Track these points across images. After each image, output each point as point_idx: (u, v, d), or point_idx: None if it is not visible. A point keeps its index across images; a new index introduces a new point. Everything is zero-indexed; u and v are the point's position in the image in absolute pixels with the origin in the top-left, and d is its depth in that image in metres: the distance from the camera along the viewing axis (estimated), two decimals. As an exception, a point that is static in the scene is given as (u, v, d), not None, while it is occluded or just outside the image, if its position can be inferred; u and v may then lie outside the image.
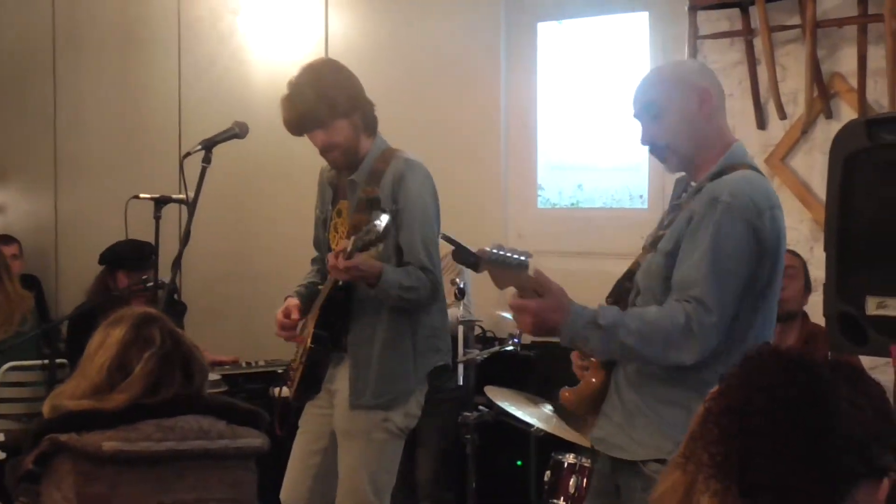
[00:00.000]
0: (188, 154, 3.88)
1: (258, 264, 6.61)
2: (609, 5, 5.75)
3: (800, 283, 4.27)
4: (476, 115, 6.06)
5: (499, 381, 4.81)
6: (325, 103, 3.77)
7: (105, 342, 2.67)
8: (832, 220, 2.89)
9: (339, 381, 3.91)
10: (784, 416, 1.43)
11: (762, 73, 4.92)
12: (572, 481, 4.37)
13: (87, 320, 4.13)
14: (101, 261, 5.72)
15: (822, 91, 4.78)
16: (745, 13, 4.96)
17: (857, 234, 2.84)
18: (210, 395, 2.96)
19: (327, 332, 3.85)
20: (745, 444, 1.44)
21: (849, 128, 2.93)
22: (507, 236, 6.01)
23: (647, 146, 2.99)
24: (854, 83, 4.69)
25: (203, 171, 3.86)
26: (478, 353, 4.72)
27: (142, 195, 4.30)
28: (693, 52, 5.10)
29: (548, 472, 4.46)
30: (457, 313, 4.89)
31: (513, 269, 2.70)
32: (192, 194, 3.90)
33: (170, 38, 6.97)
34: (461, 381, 4.78)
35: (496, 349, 4.94)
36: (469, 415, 4.63)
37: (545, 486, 4.46)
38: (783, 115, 4.88)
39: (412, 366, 3.87)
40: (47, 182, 7.59)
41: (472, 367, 4.69)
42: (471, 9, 6.05)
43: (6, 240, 6.86)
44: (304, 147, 3.99)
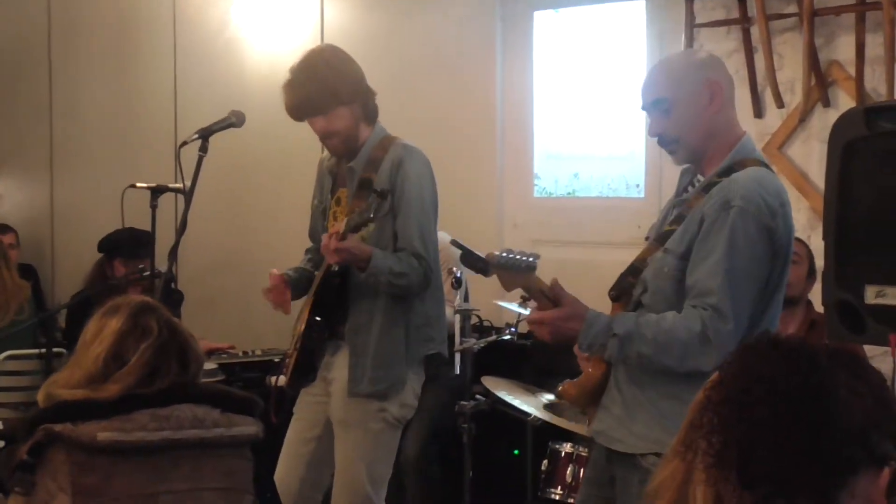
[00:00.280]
0: (185, 143, 3.87)
1: (255, 253, 6.60)
2: (605, -7, 5.75)
3: (803, 269, 4.26)
4: (472, 104, 6.05)
5: (495, 371, 4.81)
6: (327, 90, 3.76)
7: (102, 332, 2.66)
8: (831, 209, 2.88)
9: (337, 369, 3.90)
10: (783, 406, 1.43)
11: (759, 61, 4.92)
12: (569, 470, 4.38)
13: (84, 309, 4.13)
14: (100, 249, 5.72)
15: (820, 79, 4.77)
16: (741, 1, 4.95)
17: (855, 223, 2.83)
18: (204, 383, 2.95)
19: (322, 318, 3.85)
20: (745, 433, 1.43)
21: (847, 116, 2.92)
22: (503, 225, 6.01)
23: (656, 138, 2.97)
24: (852, 71, 4.68)
25: (200, 160, 3.85)
26: (475, 343, 4.72)
27: (138, 184, 4.29)
28: (689, 40, 5.10)
29: (545, 462, 4.47)
30: (454, 302, 4.89)
31: (521, 271, 2.73)
32: (188, 183, 3.89)
33: (165, 27, 6.95)
34: (458, 371, 4.78)
35: (493, 338, 4.95)
36: (466, 404, 4.63)
37: (542, 476, 4.46)
38: (780, 104, 4.88)
39: (404, 353, 3.85)
40: (43, 171, 7.57)
41: (468, 357, 4.69)
42: (467, -2, 6.05)
43: (2, 229, 6.84)
44: (300, 136, 3.99)
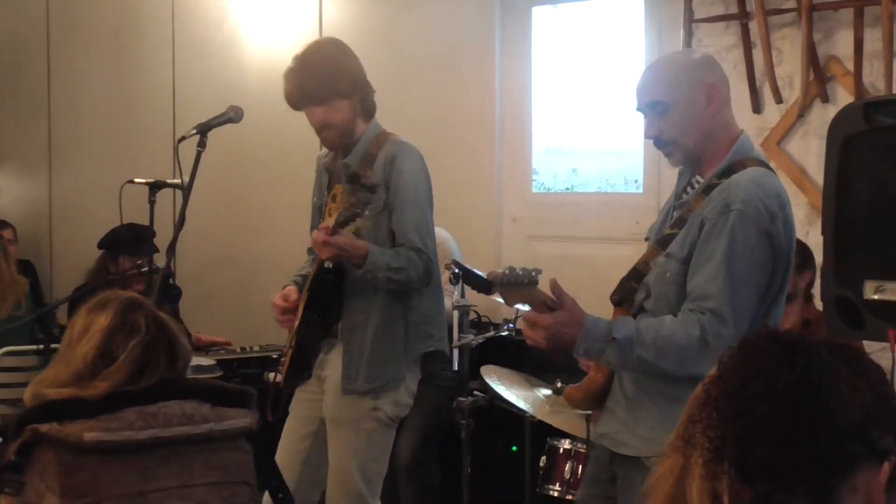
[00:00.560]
0: (183, 138, 3.87)
1: (253, 249, 6.60)
2: (604, -11, 5.75)
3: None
4: (471, 99, 6.05)
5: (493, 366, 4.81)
6: (327, 81, 3.76)
7: (89, 329, 2.63)
8: (829, 204, 2.88)
9: (330, 367, 3.89)
10: (783, 401, 1.42)
11: (758, 56, 4.92)
12: (567, 467, 4.38)
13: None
14: (101, 245, 5.73)
15: (819, 74, 4.77)
16: (740, -4, 4.95)
17: (854, 218, 2.82)
18: (194, 378, 2.93)
19: (317, 316, 3.84)
20: (744, 428, 1.43)
21: (846, 111, 2.92)
22: (501, 221, 6.01)
23: (652, 140, 2.96)
24: (850, 66, 4.68)
25: (198, 155, 3.85)
26: (472, 338, 4.72)
27: (136, 180, 4.29)
28: (688, 35, 5.10)
29: (543, 458, 4.47)
30: (452, 298, 4.89)
31: (524, 287, 2.69)
32: (186, 179, 3.89)
33: (164, 23, 6.95)
34: (456, 366, 4.78)
35: (491, 334, 4.94)
36: (464, 400, 4.63)
37: (540, 472, 4.47)
38: (779, 99, 4.87)
39: (403, 351, 3.85)
40: (41, 167, 7.56)
41: (466, 352, 4.69)
42: (465, -7, 6.04)
43: (0, 225, 6.84)
44: (299, 131, 3.98)
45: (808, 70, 4.72)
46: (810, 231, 4.60)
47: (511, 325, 4.93)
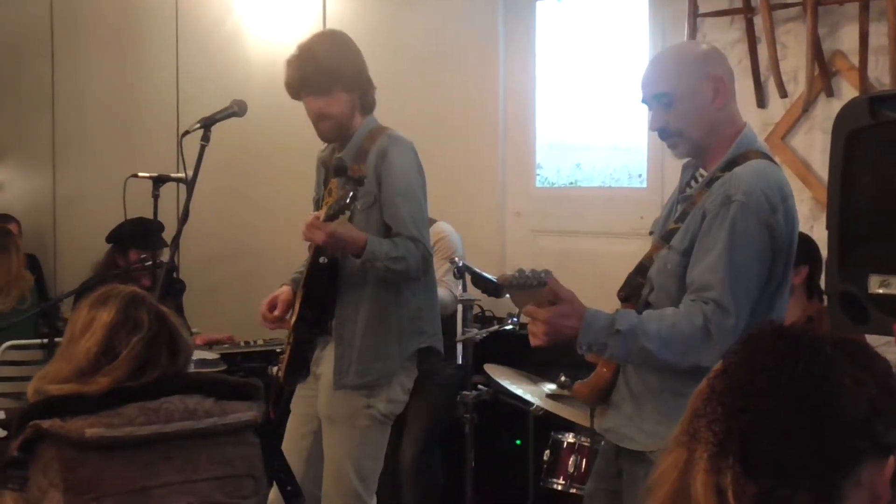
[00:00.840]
0: (187, 132, 3.87)
1: (257, 243, 6.60)
2: (608, -17, 5.74)
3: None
4: (474, 94, 6.05)
5: (497, 361, 4.81)
6: (330, 71, 3.76)
7: (92, 324, 2.63)
8: (834, 199, 2.87)
9: (324, 364, 3.88)
10: (786, 396, 1.42)
11: (762, 51, 4.91)
12: (571, 460, 4.38)
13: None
14: (110, 239, 5.74)
15: (823, 69, 4.76)
16: (745, -9, 4.94)
17: (859, 213, 2.82)
18: (196, 372, 2.93)
19: (312, 313, 3.83)
20: (748, 423, 1.43)
21: (852, 105, 2.91)
22: (504, 215, 6.01)
23: (657, 132, 2.95)
24: (855, 61, 4.67)
25: (202, 149, 3.85)
26: (476, 333, 4.72)
27: (140, 174, 4.29)
28: (693, 30, 5.09)
29: (547, 452, 4.47)
30: (456, 292, 4.89)
31: (534, 289, 2.68)
32: (190, 173, 3.89)
33: (167, 17, 6.95)
34: (460, 361, 4.78)
35: (495, 328, 4.94)
36: (468, 394, 4.63)
37: (544, 466, 4.46)
38: (784, 94, 4.86)
39: (396, 346, 3.84)
40: (45, 161, 7.57)
41: (470, 347, 4.69)
42: (469, -12, 6.04)
43: (5, 219, 6.85)
44: (303, 126, 3.98)
45: (812, 65, 4.71)
46: (814, 226, 4.59)
47: (515, 320, 4.93)
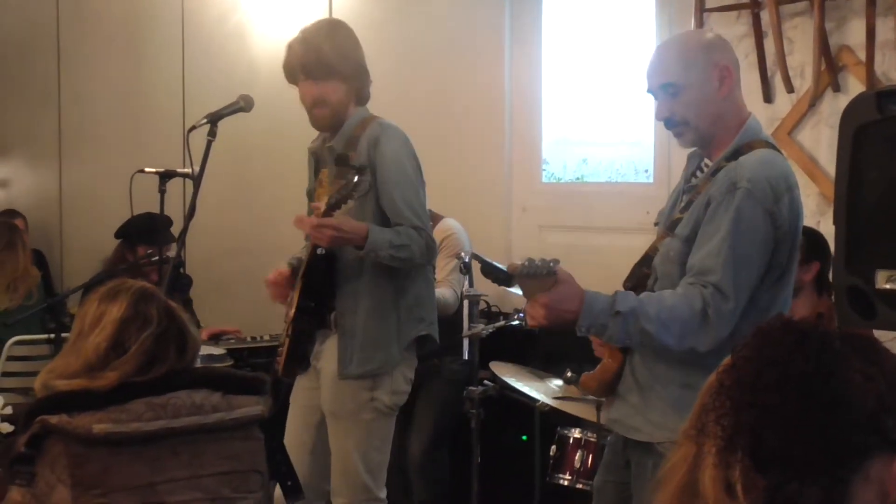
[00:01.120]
0: (194, 128, 3.87)
1: (263, 238, 6.60)
2: (615, -22, 5.73)
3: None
4: (480, 89, 6.04)
5: (504, 356, 4.81)
6: (332, 59, 3.77)
7: (102, 319, 2.64)
8: (841, 194, 2.87)
9: (326, 359, 3.88)
10: (795, 390, 1.42)
11: (769, 46, 4.89)
12: (578, 456, 4.38)
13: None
14: (119, 235, 5.75)
15: (830, 64, 4.75)
16: (752, -15, 4.93)
17: (866, 208, 2.82)
18: (204, 366, 2.93)
19: (312, 303, 3.83)
20: (756, 417, 1.42)
21: (859, 100, 2.91)
22: (511, 210, 6.00)
23: (663, 121, 2.95)
24: (862, 56, 4.65)
25: (208, 144, 3.85)
26: (483, 328, 4.72)
27: (147, 169, 4.30)
28: (699, 24, 5.07)
29: (553, 447, 4.46)
30: (459, 291, 4.89)
31: (543, 278, 2.69)
32: (197, 168, 3.89)
33: (174, 12, 6.95)
34: (466, 356, 4.78)
35: (501, 323, 4.93)
36: (474, 389, 4.63)
37: (550, 461, 4.46)
38: (790, 89, 4.85)
39: (395, 335, 3.84)
40: (51, 156, 7.58)
41: (476, 342, 4.69)
42: (475, -18, 6.03)
43: (12, 214, 6.86)
44: (308, 121, 3.97)
45: (819, 59, 4.70)
46: (821, 221, 4.58)
47: (521, 315, 4.92)
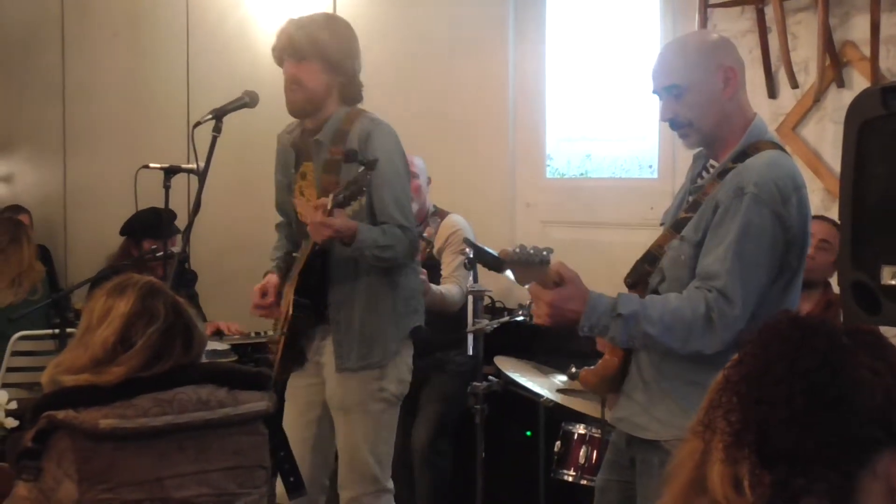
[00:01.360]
0: (199, 123, 3.87)
1: (268, 234, 6.57)
2: (619, -26, 5.72)
3: (831, 256, 4.17)
4: (485, 84, 6.04)
5: (508, 351, 4.81)
6: (312, 42, 3.77)
7: (109, 314, 2.64)
8: (847, 189, 2.87)
9: (326, 353, 3.90)
10: (802, 385, 1.42)
11: (773, 41, 4.90)
12: (582, 452, 4.38)
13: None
14: (124, 231, 5.76)
15: (834, 59, 4.75)
16: (756, -19, 4.93)
17: (871, 203, 2.81)
18: (210, 362, 2.93)
19: (308, 301, 3.84)
20: (764, 413, 1.43)
21: (864, 96, 2.91)
22: (515, 206, 6.00)
23: (668, 122, 2.95)
24: (866, 51, 4.66)
25: (213, 140, 3.85)
26: (487, 323, 4.72)
27: (151, 165, 4.29)
28: (703, 20, 5.08)
29: (558, 443, 4.46)
30: (465, 286, 4.89)
31: (535, 266, 2.70)
32: (201, 164, 3.89)
33: (178, 8, 6.95)
34: (470, 352, 4.78)
35: (505, 319, 4.93)
36: (478, 384, 4.63)
37: (555, 457, 4.46)
38: (794, 84, 4.85)
39: (393, 328, 3.87)
40: (56, 152, 7.58)
41: (480, 337, 4.69)
42: (479, -22, 6.02)
43: (16, 210, 6.87)
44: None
45: (823, 55, 4.70)
46: (825, 217, 4.58)
47: (526, 310, 4.93)
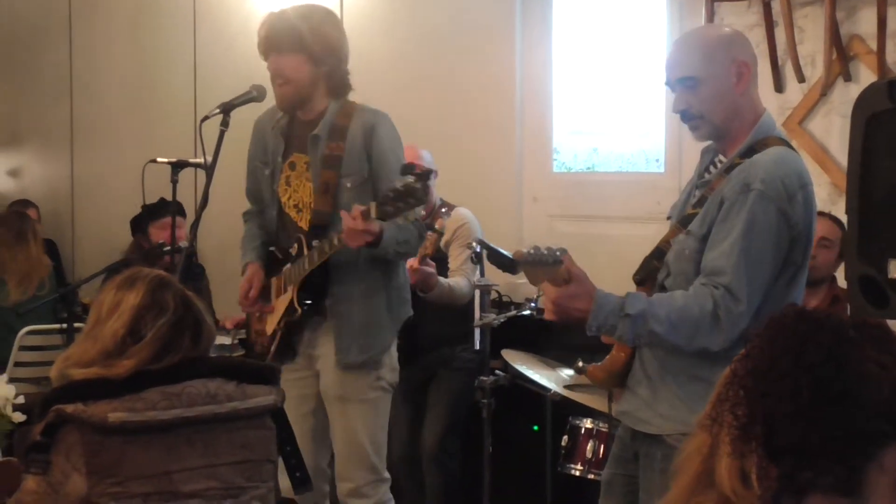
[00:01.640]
0: (206, 118, 3.87)
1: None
2: (625, -32, 5.71)
3: (834, 253, 4.28)
4: (492, 79, 6.03)
5: (515, 346, 4.82)
6: (295, 34, 3.77)
7: (119, 306, 2.64)
8: (854, 183, 2.87)
9: (322, 345, 3.91)
10: (808, 380, 1.42)
11: (780, 35, 4.89)
12: (589, 446, 4.38)
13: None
14: (132, 230, 5.80)
15: (841, 54, 4.74)
16: (763, -25, 4.92)
17: (879, 196, 2.81)
18: (218, 356, 2.93)
19: (311, 296, 3.86)
20: (770, 406, 1.43)
21: (871, 89, 2.91)
22: (522, 200, 6.00)
23: (679, 114, 2.96)
24: (873, 45, 4.65)
25: (221, 134, 3.85)
26: (494, 318, 4.72)
27: (159, 159, 4.30)
28: (710, 14, 5.07)
29: (565, 437, 4.47)
30: (473, 279, 4.89)
31: (549, 266, 2.71)
32: (209, 158, 3.89)
33: (185, 2, 6.95)
34: (477, 346, 4.78)
35: (512, 313, 4.93)
36: (485, 379, 4.63)
37: (562, 451, 4.47)
38: (801, 78, 4.85)
39: (389, 318, 3.91)
40: (63, 146, 7.59)
41: (487, 332, 4.69)
42: (486, -27, 6.02)
43: (24, 204, 6.88)
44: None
45: (830, 49, 4.69)
46: (833, 211, 4.58)
47: (533, 305, 4.93)
